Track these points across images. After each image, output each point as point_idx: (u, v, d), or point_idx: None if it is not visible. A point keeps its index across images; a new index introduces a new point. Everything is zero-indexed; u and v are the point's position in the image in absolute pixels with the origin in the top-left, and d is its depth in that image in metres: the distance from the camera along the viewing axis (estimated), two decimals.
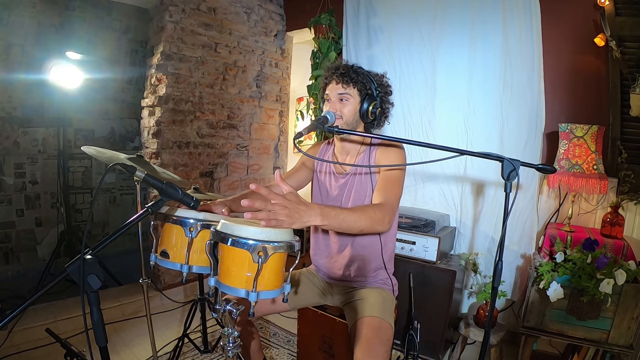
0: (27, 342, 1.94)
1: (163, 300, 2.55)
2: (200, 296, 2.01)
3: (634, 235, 1.84)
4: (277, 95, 3.39)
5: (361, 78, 1.29)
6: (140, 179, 0.96)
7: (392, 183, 1.25)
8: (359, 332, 1.17)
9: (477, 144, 2.23)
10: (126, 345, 2.07)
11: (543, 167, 1.02)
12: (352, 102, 1.30)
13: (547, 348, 1.96)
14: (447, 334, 1.98)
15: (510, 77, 2.09)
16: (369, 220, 1.08)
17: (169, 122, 2.62)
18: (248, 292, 0.89)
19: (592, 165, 1.74)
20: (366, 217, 1.08)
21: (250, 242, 0.89)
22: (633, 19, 1.80)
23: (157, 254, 1.11)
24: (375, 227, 1.11)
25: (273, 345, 2.18)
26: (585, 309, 1.55)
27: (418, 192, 2.46)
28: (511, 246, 2.09)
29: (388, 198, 1.20)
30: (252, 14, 3.07)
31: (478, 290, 2.00)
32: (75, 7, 3.15)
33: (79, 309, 0.78)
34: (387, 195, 1.21)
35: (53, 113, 3.03)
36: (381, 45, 2.60)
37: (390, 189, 1.23)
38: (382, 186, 1.25)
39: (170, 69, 2.58)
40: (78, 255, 0.76)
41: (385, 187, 1.24)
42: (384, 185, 1.25)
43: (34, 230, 3.24)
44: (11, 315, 0.70)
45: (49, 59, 2.53)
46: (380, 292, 1.35)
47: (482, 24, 2.17)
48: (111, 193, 3.83)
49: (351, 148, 1.39)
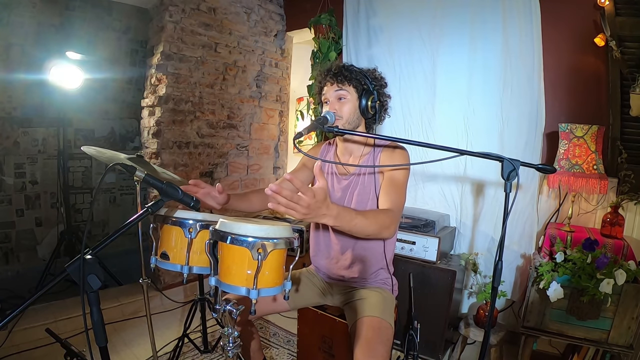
0: (27, 342, 1.94)
1: (163, 300, 2.55)
2: (200, 296, 2.01)
3: (634, 235, 1.84)
4: (277, 95, 3.39)
5: (355, 75, 1.29)
6: (140, 179, 0.96)
7: (399, 187, 1.25)
8: (359, 332, 1.17)
9: (477, 144, 2.23)
10: (126, 345, 2.07)
11: (543, 167, 1.02)
12: (350, 99, 1.29)
13: (547, 348, 1.96)
14: (447, 334, 1.98)
15: (510, 77, 2.09)
16: (377, 226, 1.08)
17: (169, 122, 2.62)
18: (249, 290, 0.89)
19: (592, 165, 1.74)
20: (376, 224, 1.08)
21: (249, 239, 0.89)
22: (633, 19, 1.80)
23: (157, 256, 1.11)
24: (382, 233, 1.11)
25: (273, 345, 2.18)
26: (585, 309, 1.55)
27: (418, 192, 2.46)
28: (511, 246, 2.09)
29: (395, 203, 1.20)
30: (252, 14, 3.07)
31: (478, 290, 2.00)
32: (75, 7, 3.15)
33: (79, 309, 0.78)
34: (394, 200, 1.21)
35: (53, 113, 3.03)
36: (381, 45, 2.60)
37: (397, 193, 1.23)
38: (389, 189, 1.24)
39: (170, 69, 2.58)
40: (78, 255, 0.76)
41: (392, 191, 1.23)
42: (391, 189, 1.24)
43: (34, 230, 3.24)
44: (11, 315, 0.70)
45: (49, 59, 2.52)
46: (381, 292, 1.35)
47: (482, 24, 2.16)
48: (111, 193, 3.83)
49: (354, 149, 1.38)
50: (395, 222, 1.17)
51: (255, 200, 1.41)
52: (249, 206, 1.40)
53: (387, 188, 1.25)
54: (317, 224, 1.45)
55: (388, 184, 1.26)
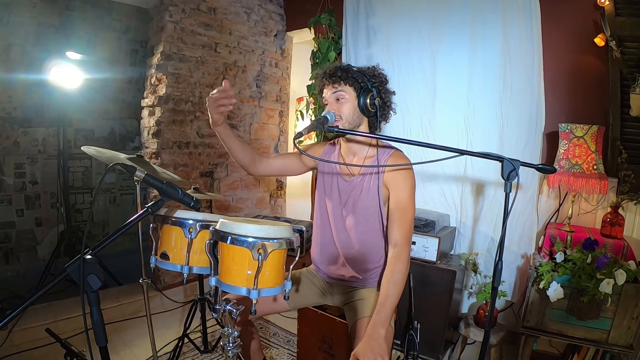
0: (27, 342, 1.94)
1: (163, 300, 2.55)
2: (200, 296, 2.01)
3: (634, 235, 1.84)
4: (277, 95, 3.39)
5: (351, 74, 1.28)
6: (140, 179, 0.96)
7: (405, 211, 1.25)
8: (359, 332, 1.17)
9: (477, 144, 2.23)
10: (126, 345, 2.07)
11: (543, 167, 1.02)
12: (349, 99, 1.28)
13: (547, 348, 1.96)
14: (447, 334, 1.98)
15: (510, 77, 2.09)
16: (403, 283, 1.17)
17: (169, 122, 2.62)
18: (249, 290, 0.89)
19: (592, 165, 1.74)
20: (402, 284, 1.16)
21: (250, 240, 0.89)
22: (633, 19, 1.80)
23: (157, 256, 1.11)
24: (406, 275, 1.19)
25: (273, 345, 2.18)
26: (585, 309, 1.55)
27: (418, 192, 2.40)
28: (511, 246, 2.09)
29: (404, 233, 1.23)
30: (252, 14, 3.07)
31: (478, 290, 2.00)
32: (75, 7, 3.15)
33: (79, 309, 0.78)
34: (402, 229, 1.23)
35: (53, 113, 3.03)
36: (380, 45, 2.60)
37: (404, 219, 1.24)
38: (398, 217, 1.24)
39: (170, 69, 2.58)
40: (78, 255, 0.76)
41: (402, 221, 1.24)
42: (397, 217, 1.24)
43: (34, 230, 3.24)
44: (11, 315, 0.70)
45: (49, 59, 2.52)
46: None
47: (482, 23, 2.16)
48: (111, 193, 3.83)
49: (358, 149, 1.37)
50: (409, 256, 1.23)
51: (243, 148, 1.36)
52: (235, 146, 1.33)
53: (395, 215, 1.25)
54: (320, 220, 1.45)
55: (395, 209, 1.26)
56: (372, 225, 1.34)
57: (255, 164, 1.40)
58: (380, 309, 1.09)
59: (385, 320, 1.08)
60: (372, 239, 1.35)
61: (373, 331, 1.05)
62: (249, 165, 1.39)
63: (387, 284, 1.15)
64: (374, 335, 1.04)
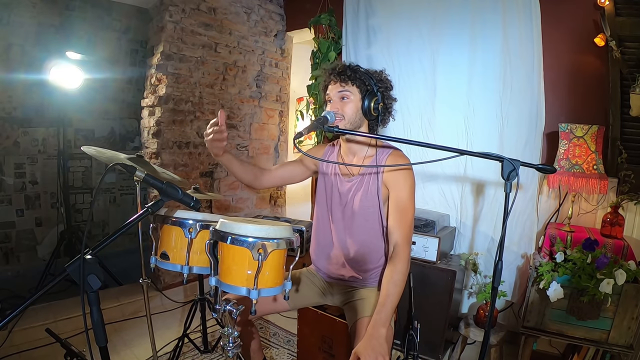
0: (27, 342, 1.94)
1: (163, 300, 2.55)
2: (200, 296, 2.01)
3: (634, 235, 1.84)
4: (277, 95, 3.39)
5: (359, 75, 1.28)
6: (140, 179, 0.96)
7: (405, 210, 1.25)
8: (359, 332, 1.17)
9: (477, 144, 2.23)
10: (126, 345, 2.07)
11: (543, 167, 1.02)
12: (353, 99, 1.29)
13: (547, 348, 1.96)
14: (447, 334, 1.98)
15: (510, 77, 2.09)
16: (403, 283, 1.18)
17: (169, 122, 2.62)
18: (249, 290, 0.89)
19: (592, 165, 1.74)
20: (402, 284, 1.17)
21: (250, 240, 0.89)
22: (633, 19, 1.80)
23: (157, 256, 1.11)
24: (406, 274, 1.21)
25: (273, 345, 2.18)
26: (585, 309, 1.55)
27: (418, 192, 2.40)
28: (511, 246, 2.09)
29: (404, 233, 1.23)
30: (252, 14, 3.07)
31: (478, 290, 2.00)
32: (75, 7, 3.15)
33: (79, 309, 0.78)
34: (402, 229, 1.24)
35: (53, 113, 3.03)
36: (380, 45, 2.60)
37: (404, 219, 1.25)
38: (398, 217, 1.25)
39: (170, 69, 2.58)
40: (78, 255, 0.76)
41: (402, 221, 1.24)
42: (397, 217, 1.25)
43: (34, 230, 3.23)
44: (11, 315, 0.70)
45: (49, 59, 2.52)
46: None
47: (482, 23, 2.16)
48: (111, 193, 3.83)
49: (357, 149, 1.37)
50: (409, 256, 1.23)
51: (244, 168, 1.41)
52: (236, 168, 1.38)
53: (395, 215, 1.26)
54: (320, 220, 1.45)
55: (395, 209, 1.26)
56: (371, 225, 1.34)
57: (257, 179, 1.43)
58: (381, 308, 1.10)
59: (385, 319, 1.08)
60: (372, 239, 1.35)
61: (374, 330, 1.05)
62: (253, 181, 1.42)
63: (388, 283, 1.15)
64: (375, 335, 1.04)
